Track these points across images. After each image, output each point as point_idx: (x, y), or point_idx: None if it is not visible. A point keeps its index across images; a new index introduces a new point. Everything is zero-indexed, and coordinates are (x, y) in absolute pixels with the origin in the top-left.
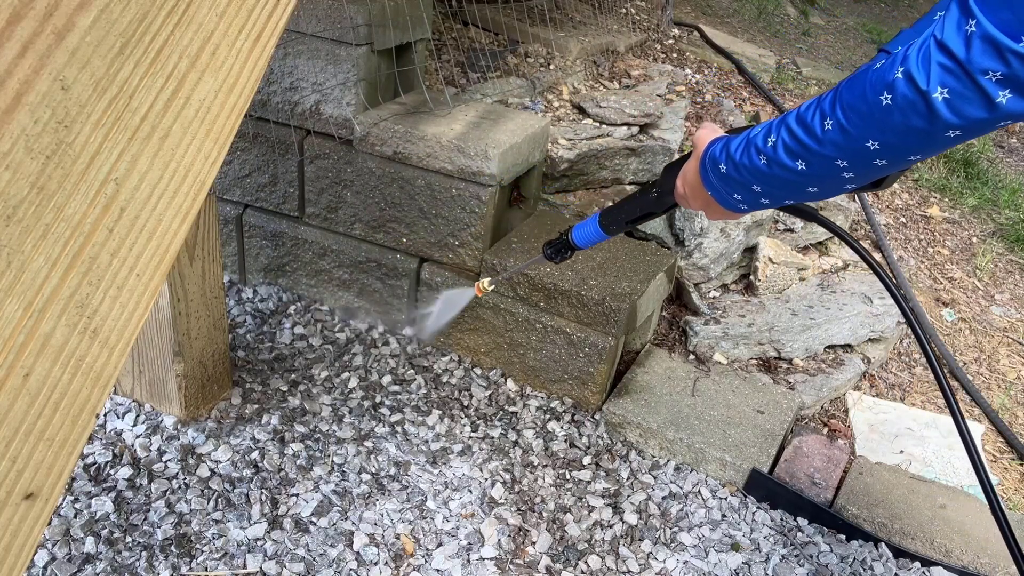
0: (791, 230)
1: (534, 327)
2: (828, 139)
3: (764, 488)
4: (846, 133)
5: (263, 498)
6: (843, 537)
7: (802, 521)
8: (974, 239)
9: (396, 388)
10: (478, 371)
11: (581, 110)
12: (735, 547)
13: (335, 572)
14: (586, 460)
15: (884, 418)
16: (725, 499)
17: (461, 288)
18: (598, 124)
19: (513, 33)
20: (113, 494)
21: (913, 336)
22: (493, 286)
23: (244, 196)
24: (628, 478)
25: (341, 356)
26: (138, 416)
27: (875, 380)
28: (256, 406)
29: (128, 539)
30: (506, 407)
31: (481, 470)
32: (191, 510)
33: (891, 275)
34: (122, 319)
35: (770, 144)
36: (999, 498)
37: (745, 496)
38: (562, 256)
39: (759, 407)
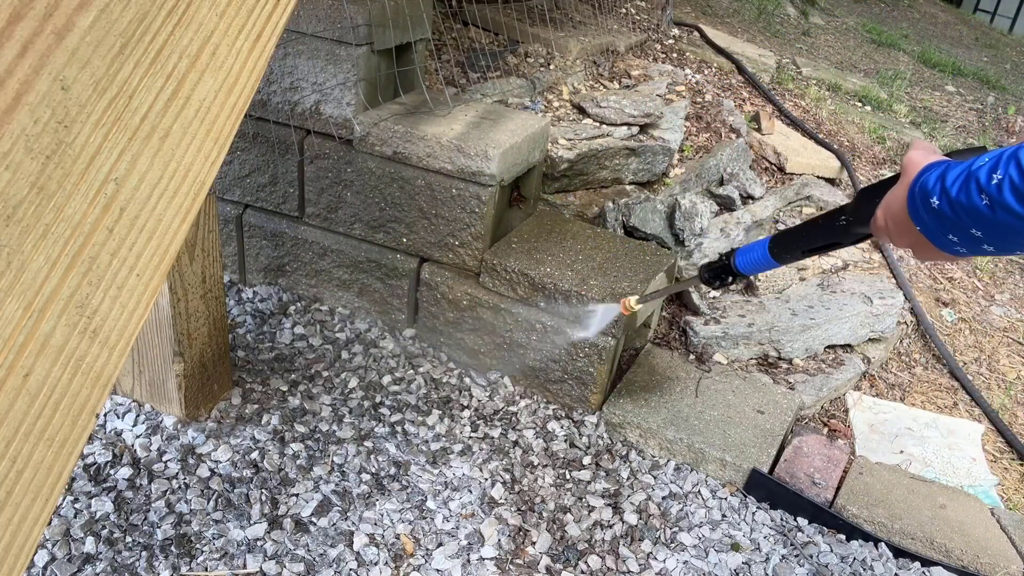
0: None
1: (534, 327)
2: None
3: (764, 488)
4: None
5: (263, 498)
6: (843, 537)
7: (802, 521)
8: None
9: (396, 388)
10: (478, 371)
11: (581, 110)
12: (735, 547)
13: (335, 572)
14: (586, 460)
15: (884, 418)
16: (725, 499)
17: (608, 304)
18: (598, 124)
19: (513, 33)
20: (113, 494)
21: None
22: (640, 305)
23: (244, 196)
24: (628, 478)
25: (341, 356)
26: (138, 416)
27: (875, 380)
28: (256, 406)
29: (128, 539)
30: (506, 407)
31: (481, 470)
32: (191, 510)
33: (892, 275)
34: (122, 319)
35: (995, 182)
36: (1000, 499)
37: (745, 496)
38: (721, 282)
39: (759, 407)
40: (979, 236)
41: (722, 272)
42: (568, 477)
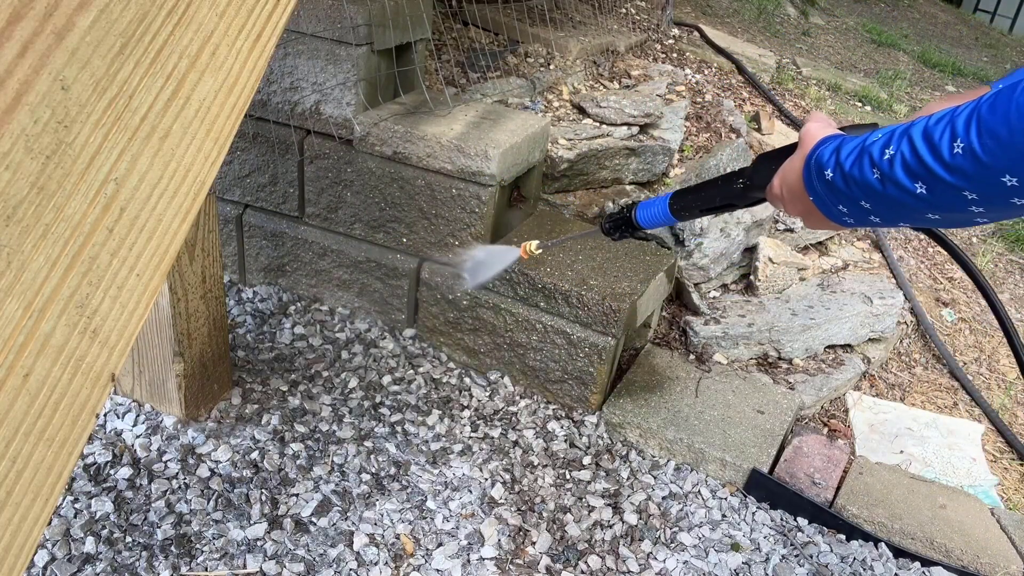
0: (791, 230)
1: (534, 327)
2: (956, 165)
3: (764, 488)
4: (978, 162)
5: (263, 498)
6: (843, 537)
7: (802, 521)
8: (974, 239)
9: (396, 388)
10: (478, 371)
11: (581, 110)
12: (735, 547)
13: (335, 572)
14: (586, 460)
15: (884, 418)
16: (725, 499)
17: (505, 246)
18: (598, 124)
19: (513, 33)
20: (113, 494)
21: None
22: (541, 250)
23: (244, 196)
24: (628, 478)
25: (341, 356)
26: (138, 416)
27: (875, 380)
28: (256, 406)
29: (128, 539)
30: (506, 407)
31: (481, 470)
32: (191, 510)
33: (892, 275)
34: (122, 319)
35: (887, 157)
36: (1000, 499)
37: (745, 496)
38: (621, 234)
39: (759, 407)
40: (868, 208)
41: (622, 224)
42: (568, 477)
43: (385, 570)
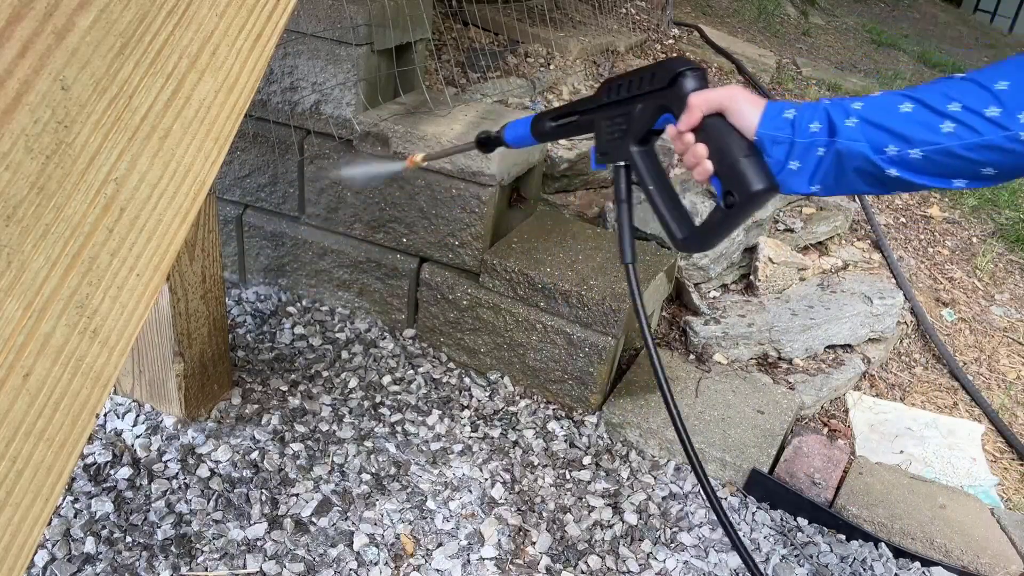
0: (791, 230)
1: (534, 327)
2: None
3: (764, 488)
4: None
5: (263, 498)
6: (843, 537)
7: (802, 521)
8: (974, 239)
9: (396, 388)
10: (478, 371)
11: None
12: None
13: (335, 572)
14: (586, 460)
15: (884, 418)
16: (725, 499)
17: (389, 160)
18: None
19: (513, 33)
20: (113, 494)
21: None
22: (426, 163)
23: (244, 196)
24: (628, 478)
25: (341, 356)
26: (138, 416)
27: (875, 380)
28: (256, 406)
29: (128, 539)
30: (506, 407)
31: (481, 470)
32: (191, 510)
33: (892, 275)
34: (122, 319)
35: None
36: (1000, 499)
37: (745, 496)
38: (491, 147)
39: (759, 407)
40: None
41: (494, 140)
42: (568, 477)
43: (385, 570)
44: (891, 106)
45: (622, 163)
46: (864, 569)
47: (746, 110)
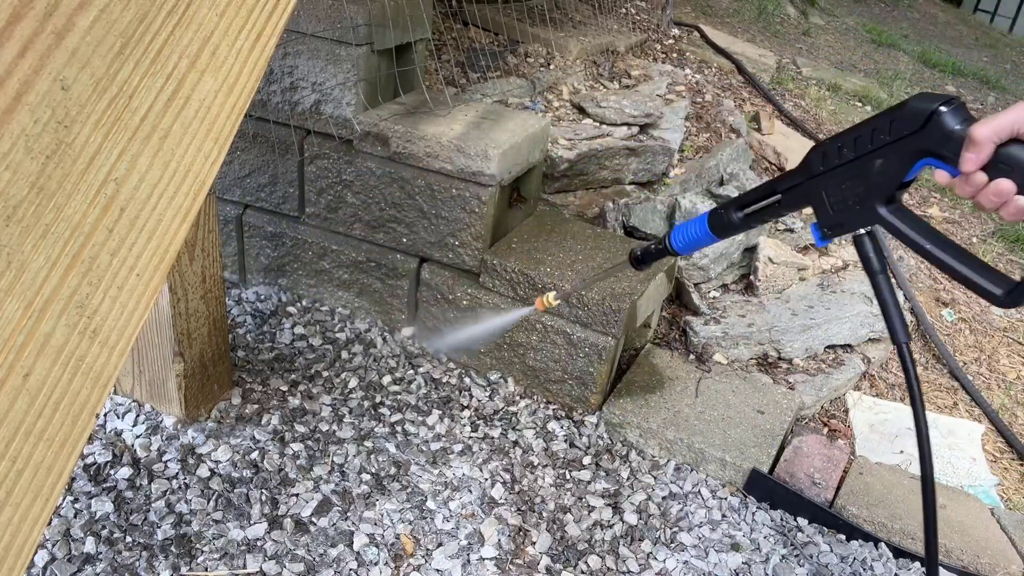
0: (791, 230)
1: (534, 327)
2: None
3: (764, 488)
4: None
5: (263, 498)
6: (843, 537)
7: (802, 521)
8: (974, 239)
9: (396, 388)
10: (478, 371)
11: (581, 110)
12: (735, 547)
13: (335, 572)
14: (586, 460)
15: (884, 418)
16: (725, 499)
17: (515, 310)
18: (598, 124)
19: (513, 33)
20: (113, 494)
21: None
22: (559, 301)
23: (244, 196)
24: (628, 478)
25: (341, 356)
26: (138, 416)
27: (875, 380)
28: (256, 406)
29: (128, 539)
30: (506, 407)
31: (481, 470)
32: (191, 510)
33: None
34: (122, 319)
35: None
36: (1000, 499)
37: (745, 496)
38: (647, 264)
39: (759, 407)
40: None
41: (656, 255)
42: (568, 477)
43: (385, 570)
44: None
45: (863, 231)
46: (864, 569)
47: None
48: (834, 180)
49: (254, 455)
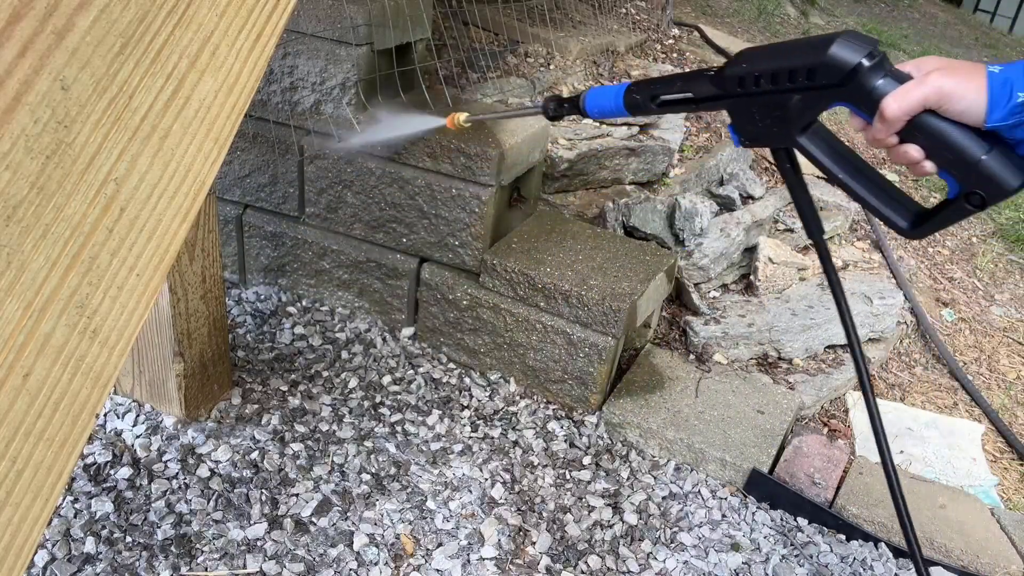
0: (791, 230)
1: (534, 327)
2: None
3: (764, 488)
4: None
5: (263, 498)
6: (843, 537)
7: (802, 521)
8: (974, 239)
9: (396, 388)
10: (478, 371)
11: None
12: (735, 547)
13: (335, 572)
14: (586, 460)
15: (884, 418)
16: (725, 499)
17: (428, 115)
18: (598, 124)
19: (513, 33)
20: (113, 494)
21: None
22: (469, 123)
23: (244, 196)
24: (628, 478)
25: (341, 356)
26: (138, 416)
27: (875, 380)
28: (256, 406)
29: (128, 539)
30: (506, 407)
31: (481, 470)
32: (191, 510)
33: (892, 275)
34: (122, 319)
35: None
36: (1000, 499)
37: (745, 496)
38: (558, 116)
39: (759, 407)
40: None
41: (567, 110)
42: (568, 477)
43: (385, 570)
44: None
45: (782, 147)
46: (864, 569)
47: (963, 99)
48: (751, 104)
49: (254, 455)
